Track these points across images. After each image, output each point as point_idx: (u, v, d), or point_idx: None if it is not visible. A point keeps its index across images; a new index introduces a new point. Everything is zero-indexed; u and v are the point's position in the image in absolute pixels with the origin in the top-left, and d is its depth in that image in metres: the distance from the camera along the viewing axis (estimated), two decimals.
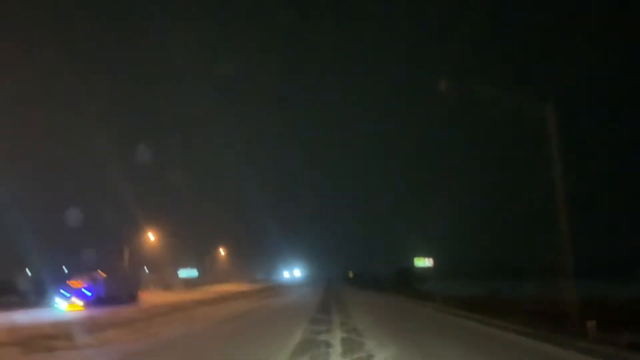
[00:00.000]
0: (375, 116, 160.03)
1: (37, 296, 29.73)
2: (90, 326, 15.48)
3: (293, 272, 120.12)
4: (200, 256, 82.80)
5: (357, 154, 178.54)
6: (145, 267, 77.79)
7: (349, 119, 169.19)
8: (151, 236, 44.51)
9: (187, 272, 79.77)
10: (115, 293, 29.53)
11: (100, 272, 30.20)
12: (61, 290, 27.28)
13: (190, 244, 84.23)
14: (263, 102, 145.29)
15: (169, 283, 49.95)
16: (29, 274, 42.39)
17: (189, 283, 63.46)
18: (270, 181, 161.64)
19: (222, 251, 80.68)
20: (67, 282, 28.26)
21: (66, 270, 43.44)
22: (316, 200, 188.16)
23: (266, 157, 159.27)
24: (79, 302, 26.48)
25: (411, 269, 60.88)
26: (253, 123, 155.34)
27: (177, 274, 53.92)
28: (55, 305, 26.23)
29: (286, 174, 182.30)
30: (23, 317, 19.76)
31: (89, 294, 27.72)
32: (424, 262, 72.87)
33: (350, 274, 79.70)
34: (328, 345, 10.46)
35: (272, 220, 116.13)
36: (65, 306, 25.94)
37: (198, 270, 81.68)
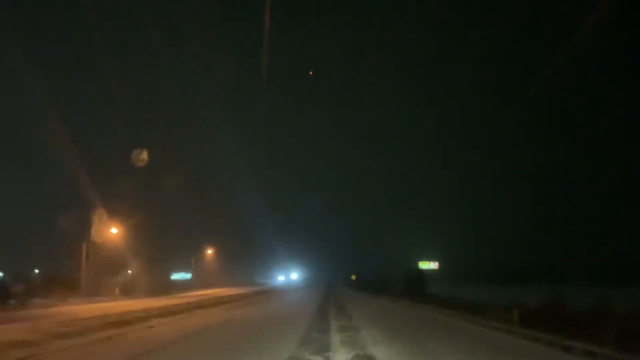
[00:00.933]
0: (379, 114, 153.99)
1: None
2: None
3: (290, 275, 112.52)
4: (188, 258, 76.61)
5: (359, 153, 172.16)
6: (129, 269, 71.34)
7: (353, 118, 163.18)
8: (114, 230, 36.91)
9: (180, 275, 74.60)
10: None
11: None
12: None
13: (177, 244, 77.42)
14: (262, 101, 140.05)
15: (130, 287, 42.23)
16: None
17: (169, 286, 56.34)
18: (269, 182, 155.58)
19: (211, 252, 73.50)
20: None
21: None
22: (316, 202, 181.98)
23: (265, 157, 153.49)
24: None
25: (423, 271, 53.71)
26: (252, 122, 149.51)
27: (141, 277, 46.30)
28: None
29: (285, 175, 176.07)
30: None
31: None
32: (428, 265, 66.82)
33: (354, 277, 72.44)
34: None
35: (269, 221, 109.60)
36: None
37: (189, 273, 76.15)
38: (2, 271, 46.84)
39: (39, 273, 51.68)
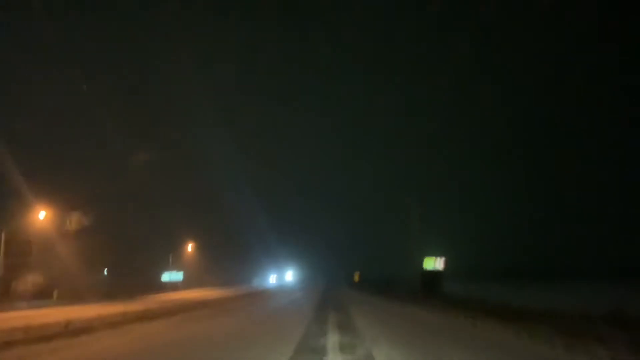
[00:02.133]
0: (379, 111, 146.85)
1: None
2: None
3: (285, 275, 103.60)
4: (176, 257, 68.99)
5: (361, 148, 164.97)
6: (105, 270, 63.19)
7: (353, 111, 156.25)
8: (42, 215, 28.11)
9: (171, 275, 66.99)
10: None
11: None
12: None
13: (163, 244, 69.67)
14: (262, 99, 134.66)
15: (76, 289, 33.42)
16: None
17: (139, 287, 47.99)
18: (264, 182, 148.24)
19: (191, 249, 65.79)
20: None
21: None
22: (315, 202, 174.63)
23: (263, 152, 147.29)
24: None
25: (440, 271, 45.26)
26: (252, 119, 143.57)
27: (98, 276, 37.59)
28: None
29: (284, 173, 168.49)
30: None
31: None
32: (434, 263, 59.80)
33: (356, 277, 64.09)
34: None
35: (265, 220, 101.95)
36: None
37: (180, 274, 69.08)
38: None
39: None
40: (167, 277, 67.22)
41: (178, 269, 70.21)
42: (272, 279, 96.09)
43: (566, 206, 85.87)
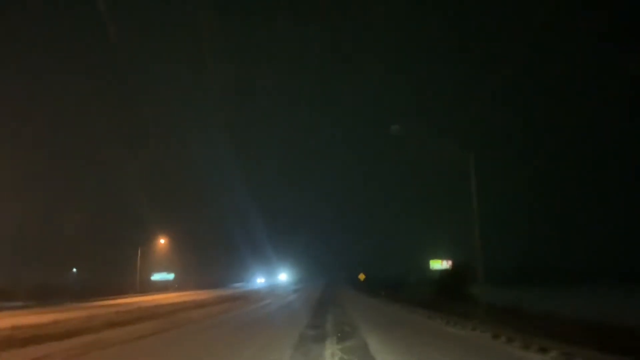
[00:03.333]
0: (382, 103, 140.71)
1: None
2: None
3: (279, 275, 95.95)
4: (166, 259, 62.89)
5: (364, 144, 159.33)
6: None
7: (354, 112, 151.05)
8: None
9: (161, 276, 64.71)
10: None
11: None
12: None
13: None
14: (261, 99, 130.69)
15: None
16: None
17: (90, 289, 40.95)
18: (265, 179, 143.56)
19: (163, 242, 59.29)
20: None
21: None
22: (314, 201, 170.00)
23: (261, 153, 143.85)
24: None
25: (467, 271, 37.44)
26: (251, 119, 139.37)
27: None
28: None
29: (284, 173, 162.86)
30: None
31: None
32: (441, 265, 55.80)
33: (362, 277, 57.30)
34: None
35: (262, 219, 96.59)
36: None
37: (171, 274, 65.86)
38: None
39: None
40: (158, 277, 64.13)
41: (165, 270, 65.73)
42: (260, 281, 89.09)
43: (567, 210, 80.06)
